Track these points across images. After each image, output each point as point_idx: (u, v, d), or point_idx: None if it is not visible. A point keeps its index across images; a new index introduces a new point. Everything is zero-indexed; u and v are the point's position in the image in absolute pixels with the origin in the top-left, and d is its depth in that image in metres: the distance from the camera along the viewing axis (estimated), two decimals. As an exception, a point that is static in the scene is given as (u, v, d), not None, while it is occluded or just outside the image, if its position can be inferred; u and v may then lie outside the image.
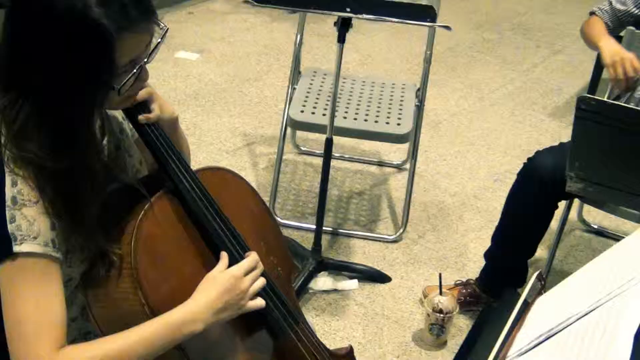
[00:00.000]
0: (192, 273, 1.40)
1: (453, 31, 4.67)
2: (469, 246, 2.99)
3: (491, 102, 4.03)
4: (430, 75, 4.06)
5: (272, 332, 1.51)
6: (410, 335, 2.58)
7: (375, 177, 3.37)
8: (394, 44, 4.46)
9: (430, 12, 2.39)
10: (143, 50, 1.29)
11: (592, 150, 1.89)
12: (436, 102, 3.95)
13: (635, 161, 1.86)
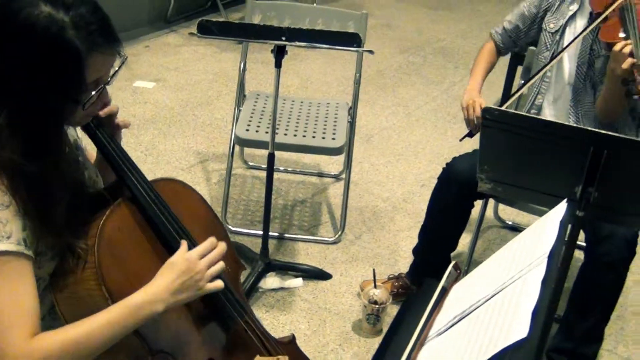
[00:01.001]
0: (150, 268, 1.40)
1: (382, 55, 4.79)
2: (400, 244, 3.01)
3: (417, 117, 4.07)
4: (362, 95, 4.11)
5: (224, 322, 1.52)
6: (350, 325, 2.60)
7: (316, 186, 3.38)
8: (329, 69, 4.49)
9: (356, 38, 2.41)
10: (106, 72, 1.34)
11: (497, 154, 1.91)
12: (368, 118, 3.98)
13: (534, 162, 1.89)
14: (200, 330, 1.49)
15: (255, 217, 3.06)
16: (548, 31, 2.48)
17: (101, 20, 1.30)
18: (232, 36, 2.45)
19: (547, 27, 2.48)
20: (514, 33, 2.58)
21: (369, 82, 4.39)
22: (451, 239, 2.54)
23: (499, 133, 1.84)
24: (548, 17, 2.48)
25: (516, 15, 2.56)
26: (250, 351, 1.53)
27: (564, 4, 2.45)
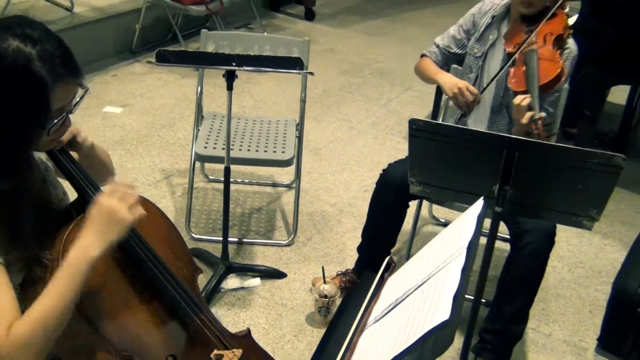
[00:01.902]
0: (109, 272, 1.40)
1: (326, 76, 4.82)
2: (347, 244, 3.03)
3: (358, 130, 4.10)
4: (310, 112, 4.14)
5: (182, 320, 1.50)
6: (304, 318, 2.60)
7: (270, 195, 3.37)
8: (280, 90, 4.49)
9: (299, 62, 2.43)
10: (69, 101, 1.34)
11: (424, 159, 1.94)
12: (316, 132, 3.99)
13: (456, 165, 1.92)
14: (160, 330, 1.47)
15: (216, 225, 3.04)
16: (473, 55, 2.52)
17: (64, 54, 1.31)
18: (187, 63, 2.45)
19: (472, 52, 2.53)
20: (447, 53, 2.60)
21: (316, 101, 4.41)
22: (390, 236, 2.55)
23: (424, 141, 1.87)
24: (472, 42, 2.53)
25: (448, 38, 2.59)
26: (208, 346, 1.52)
27: (486, 32, 2.49)
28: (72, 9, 4.57)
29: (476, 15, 2.52)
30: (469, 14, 2.54)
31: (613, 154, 1.71)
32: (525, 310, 2.34)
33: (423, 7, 6.48)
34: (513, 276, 2.30)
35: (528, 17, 2.34)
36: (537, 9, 2.33)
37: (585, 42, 3.35)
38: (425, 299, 1.30)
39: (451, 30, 2.58)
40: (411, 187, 2.03)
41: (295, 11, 6.11)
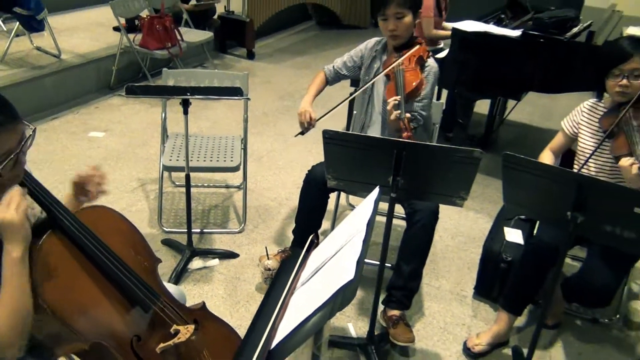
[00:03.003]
0: (79, 277, 1.35)
1: (265, 102, 4.79)
2: (285, 228, 3.02)
3: (292, 142, 4.09)
4: (253, 129, 4.12)
5: (142, 304, 1.44)
6: (254, 287, 2.58)
7: (224, 195, 3.34)
8: (230, 113, 4.45)
9: (239, 90, 2.41)
10: (15, 144, 1.23)
11: (336, 160, 1.95)
12: (258, 145, 3.97)
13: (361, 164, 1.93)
14: (123, 316, 1.41)
15: (182, 219, 2.99)
16: (364, 81, 2.52)
17: (1, 103, 1.22)
18: (151, 95, 2.40)
19: (363, 78, 2.54)
20: (339, 73, 2.60)
21: (258, 121, 4.38)
22: (316, 221, 2.54)
23: (335, 147, 1.88)
24: (363, 71, 2.54)
25: (342, 63, 2.58)
26: (167, 323, 1.47)
27: (372, 64, 2.50)
28: (59, 55, 4.42)
29: (363, 50, 2.53)
30: (359, 49, 2.55)
31: (473, 149, 1.76)
32: (419, 270, 2.36)
33: (339, 46, 6.53)
34: (409, 245, 2.33)
35: (398, 48, 2.39)
36: (403, 40, 2.35)
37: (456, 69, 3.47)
38: (336, 265, 1.32)
39: (345, 57, 2.58)
40: (329, 182, 2.04)
41: (239, 52, 6.06)
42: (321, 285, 1.30)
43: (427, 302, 2.60)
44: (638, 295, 2.77)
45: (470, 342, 2.33)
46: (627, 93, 2.09)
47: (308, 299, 1.30)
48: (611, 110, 2.18)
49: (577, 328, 2.52)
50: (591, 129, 2.26)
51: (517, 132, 4.65)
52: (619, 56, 2.07)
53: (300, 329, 1.18)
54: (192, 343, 1.48)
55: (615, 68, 2.08)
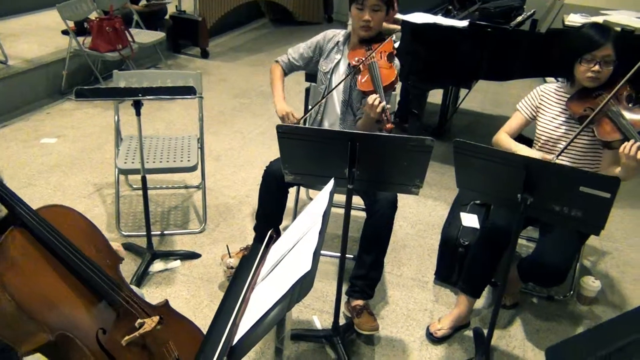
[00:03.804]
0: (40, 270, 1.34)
1: (221, 100, 4.74)
2: (247, 226, 3.00)
3: (250, 139, 4.07)
4: (210, 129, 4.07)
5: (106, 298, 1.45)
6: (217, 286, 2.56)
7: (184, 195, 3.29)
8: (185, 114, 4.38)
9: (192, 89, 2.37)
10: None
11: (292, 155, 1.94)
12: (216, 144, 3.93)
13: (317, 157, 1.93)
14: (88, 309, 1.41)
15: (142, 223, 2.93)
16: (322, 72, 2.54)
17: None
18: (101, 97, 2.34)
19: (322, 69, 2.54)
20: (294, 64, 2.58)
21: (214, 120, 4.34)
22: (276, 216, 2.53)
23: (289, 141, 1.88)
24: (321, 61, 2.54)
25: (297, 54, 2.56)
26: (132, 317, 1.47)
27: (331, 54, 2.52)
28: (6, 62, 4.26)
29: (321, 41, 2.53)
30: (315, 40, 2.54)
31: (424, 137, 1.78)
32: (381, 259, 2.37)
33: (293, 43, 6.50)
34: (369, 235, 2.34)
35: (366, 40, 2.40)
36: (373, 32, 2.38)
37: (408, 60, 3.50)
38: (294, 258, 1.32)
39: (300, 48, 2.57)
40: (286, 177, 2.03)
41: (193, 52, 5.98)
42: (280, 278, 1.30)
43: (390, 290, 2.63)
44: (590, 271, 2.86)
45: (433, 328, 2.37)
46: (597, 79, 2.16)
47: (268, 294, 1.30)
48: (579, 95, 2.24)
49: (534, 306, 2.60)
50: (553, 113, 2.32)
51: (470, 119, 4.74)
52: (592, 43, 2.13)
53: (261, 324, 1.18)
54: (157, 334, 1.49)
55: (587, 54, 2.13)
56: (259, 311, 1.24)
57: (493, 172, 1.85)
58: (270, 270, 1.43)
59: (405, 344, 2.31)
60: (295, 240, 1.42)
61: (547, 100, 2.35)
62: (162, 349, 1.50)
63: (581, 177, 1.70)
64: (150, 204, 3.10)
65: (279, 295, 1.21)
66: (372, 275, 2.37)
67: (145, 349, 1.47)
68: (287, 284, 1.21)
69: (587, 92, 2.20)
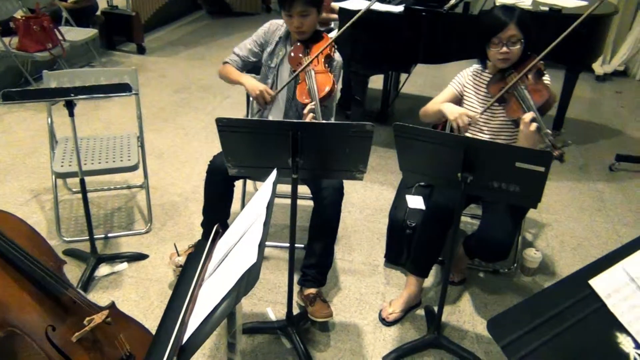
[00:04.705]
0: None
1: (161, 96, 4.63)
2: (194, 223, 2.95)
3: (192, 135, 4.00)
4: (151, 126, 3.98)
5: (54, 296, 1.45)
6: (167, 286, 2.51)
7: (127, 196, 3.20)
8: (124, 112, 4.26)
9: (127, 87, 2.30)
10: None
11: (234, 147, 1.92)
12: (158, 141, 3.84)
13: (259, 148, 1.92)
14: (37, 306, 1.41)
15: (84, 227, 2.84)
16: (268, 66, 2.50)
17: None
18: (31, 99, 2.23)
19: (267, 64, 2.50)
20: (246, 61, 2.53)
21: (155, 117, 4.24)
22: (224, 211, 2.50)
23: (230, 134, 1.86)
24: (266, 56, 2.50)
25: (246, 50, 2.52)
26: (81, 314, 1.45)
27: (276, 49, 2.48)
28: None
29: (267, 33, 2.50)
30: (261, 31, 2.51)
31: (365, 123, 1.80)
32: (331, 246, 2.38)
33: (232, 34, 6.43)
34: (318, 223, 2.35)
35: (304, 41, 2.39)
36: (308, 35, 2.38)
37: (347, 47, 3.51)
38: (240, 251, 1.31)
39: (247, 44, 2.53)
40: (229, 170, 2.01)
41: (129, 48, 5.81)
42: (227, 273, 1.29)
43: (342, 276, 2.65)
44: (531, 244, 2.98)
45: (385, 313, 2.40)
46: (508, 59, 2.21)
47: (215, 289, 1.29)
48: (496, 76, 2.30)
49: (481, 281, 2.68)
50: (477, 95, 2.38)
51: (412, 103, 4.82)
52: (496, 25, 2.18)
53: (209, 320, 1.16)
54: (107, 329, 1.49)
55: (494, 37, 2.19)
56: (207, 308, 1.23)
57: (433, 153, 1.90)
58: (217, 266, 1.41)
59: (359, 328, 2.35)
60: (240, 234, 1.41)
61: (471, 82, 2.42)
62: (114, 342, 1.48)
63: (516, 153, 1.76)
64: (92, 207, 3.01)
65: (226, 290, 1.21)
66: (323, 262, 2.39)
67: (97, 344, 1.46)
68: (233, 278, 1.20)
69: (502, 72, 2.27)
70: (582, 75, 4.67)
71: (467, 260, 2.61)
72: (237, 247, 1.35)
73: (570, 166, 3.87)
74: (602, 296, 1.05)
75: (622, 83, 5.81)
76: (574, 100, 4.22)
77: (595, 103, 5.19)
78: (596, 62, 5.72)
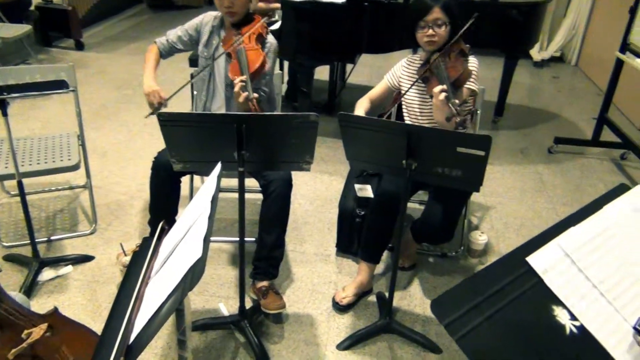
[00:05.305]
0: None
1: (102, 93, 4.50)
2: (141, 221, 2.89)
3: (136, 131, 3.91)
4: (92, 124, 3.86)
5: None
6: (115, 287, 2.45)
7: (70, 197, 3.10)
8: (63, 110, 4.12)
9: (63, 83, 2.24)
10: None
11: (178, 142, 1.89)
12: (101, 139, 3.73)
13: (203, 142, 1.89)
14: None
15: (25, 231, 2.70)
16: (204, 57, 2.47)
17: None
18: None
19: (203, 55, 2.47)
20: (173, 47, 2.50)
21: (96, 114, 4.11)
22: (171, 208, 2.44)
23: (173, 128, 1.83)
24: (201, 47, 2.47)
25: (176, 36, 2.48)
26: (18, 328, 1.38)
27: (210, 39, 2.45)
28: None
29: (199, 25, 2.47)
30: (194, 22, 2.47)
31: (309, 113, 1.80)
32: (282, 238, 2.38)
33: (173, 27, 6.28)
34: (268, 215, 2.34)
35: (236, 24, 2.37)
36: (240, 16, 2.36)
37: (292, 39, 3.51)
38: (185, 246, 1.29)
39: (179, 31, 2.49)
40: (174, 166, 1.98)
41: (66, 44, 5.60)
42: (173, 269, 1.27)
43: (294, 268, 2.66)
44: (477, 227, 3.07)
45: (338, 297, 2.43)
46: (434, 42, 2.27)
47: (162, 286, 1.27)
48: (425, 61, 2.35)
49: (430, 265, 2.74)
50: (410, 81, 2.43)
51: (358, 94, 4.82)
52: (422, 9, 2.23)
53: (156, 318, 1.15)
54: (48, 341, 1.41)
55: (421, 20, 2.24)
56: (154, 306, 1.21)
57: (378, 142, 1.92)
58: (163, 263, 1.39)
59: (312, 318, 2.36)
60: (186, 229, 1.39)
61: (406, 71, 2.47)
62: (56, 355, 1.42)
63: (457, 138, 1.80)
64: (33, 210, 2.90)
65: (172, 286, 1.19)
66: (275, 254, 2.38)
67: (37, 359, 1.39)
68: (179, 273, 1.19)
69: (430, 56, 2.33)
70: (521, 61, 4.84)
71: (416, 245, 2.67)
72: (182, 243, 1.33)
73: (511, 150, 4.00)
74: (539, 272, 1.09)
75: (559, 68, 6.04)
76: (513, 87, 4.36)
77: (534, 88, 5.37)
78: (533, 48, 5.93)
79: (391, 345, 2.24)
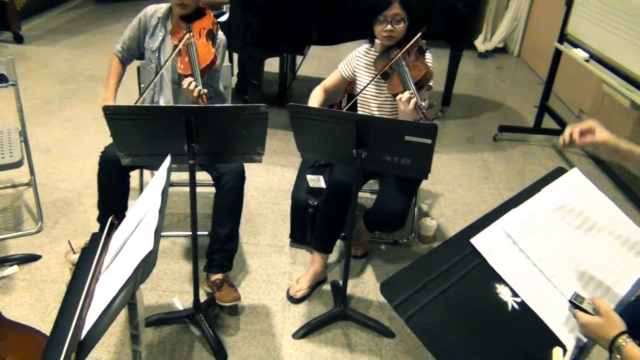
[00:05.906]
0: None
1: (45, 88, 4.35)
2: (90, 218, 2.82)
3: (82, 127, 3.80)
4: (35, 120, 3.74)
5: None
6: (63, 286, 2.39)
7: (13, 195, 2.99)
8: (3, 106, 3.93)
9: (2, 77, 2.15)
10: None
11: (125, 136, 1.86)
12: (45, 136, 3.61)
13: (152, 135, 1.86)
14: None
15: (-35, 232, 2.63)
16: (150, 50, 2.44)
17: None
18: None
19: (149, 47, 2.44)
20: (130, 51, 2.48)
21: (40, 110, 3.97)
22: (120, 203, 2.39)
23: (120, 122, 1.79)
24: (147, 39, 2.44)
25: (127, 42, 2.46)
26: None
27: (155, 31, 2.42)
28: None
29: (142, 20, 2.43)
30: (136, 20, 2.44)
31: (259, 104, 1.80)
32: (235, 230, 2.37)
33: (119, 21, 6.14)
34: (221, 208, 2.33)
35: (185, 17, 2.34)
36: (191, 9, 2.33)
37: (240, 31, 3.48)
38: (136, 240, 1.28)
39: (127, 32, 2.46)
40: (122, 160, 1.94)
41: (4, 37, 5.37)
42: (123, 264, 1.26)
43: (249, 260, 2.66)
44: (427, 213, 3.15)
45: (292, 290, 2.45)
46: (392, 37, 2.30)
47: (113, 281, 1.25)
48: (383, 54, 2.39)
49: (382, 252, 2.80)
50: (367, 73, 2.46)
51: (309, 85, 4.82)
52: (382, 4, 2.26)
53: (107, 313, 1.13)
54: None
55: (380, 15, 2.27)
56: (105, 301, 1.20)
57: (328, 132, 1.94)
58: (114, 258, 1.37)
59: (268, 308, 2.37)
60: (136, 223, 1.37)
61: (362, 61, 2.50)
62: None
63: (404, 127, 1.85)
64: (-27, 210, 2.79)
65: (123, 280, 1.18)
66: (228, 247, 2.38)
67: None
68: (130, 267, 1.18)
69: (388, 50, 2.37)
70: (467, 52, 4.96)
71: (368, 233, 2.71)
72: (132, 237, 1.31)
73: (459, 139, 4.11)
74: (482, 252, 1.14)
75: (503, 59, 6.23)
76: (459, 77, 4.47)
77: (479, 79, 5.53)
78: (478, 39, 6.09)
79: (346, 332, 2.28)
